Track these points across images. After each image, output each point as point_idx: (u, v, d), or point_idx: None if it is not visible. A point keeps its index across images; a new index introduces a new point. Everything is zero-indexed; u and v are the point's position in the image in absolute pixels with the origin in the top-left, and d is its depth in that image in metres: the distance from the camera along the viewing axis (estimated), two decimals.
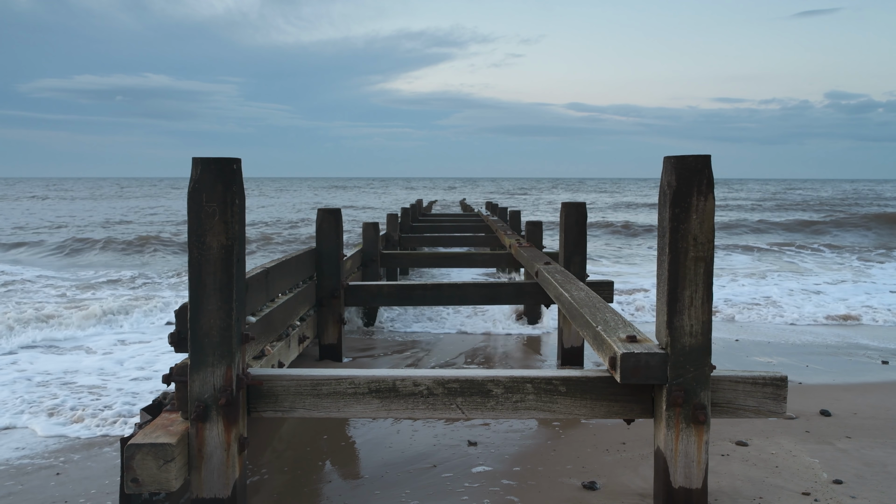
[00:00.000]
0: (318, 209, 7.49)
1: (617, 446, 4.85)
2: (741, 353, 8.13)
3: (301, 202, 56.61)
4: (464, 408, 3.68)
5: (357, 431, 5.27)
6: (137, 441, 3.28)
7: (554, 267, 6.99)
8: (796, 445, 4.80)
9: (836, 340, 8.89)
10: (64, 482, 4.44)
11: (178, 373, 3.59)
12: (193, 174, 3.43)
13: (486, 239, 14.70)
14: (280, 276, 5.68)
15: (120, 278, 15.10)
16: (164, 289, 13.59)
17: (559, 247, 7.62)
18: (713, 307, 5.11)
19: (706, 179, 3.52)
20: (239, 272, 3.51)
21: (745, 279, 14.80)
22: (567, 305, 5.23)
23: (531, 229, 10.39)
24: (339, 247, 7.36)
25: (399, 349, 8.29)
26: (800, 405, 5.69)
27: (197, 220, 3.43)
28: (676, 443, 3.56)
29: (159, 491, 3.29)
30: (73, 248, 21.67)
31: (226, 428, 3.47)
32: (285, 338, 5.58)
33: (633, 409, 3.72)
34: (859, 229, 28.92)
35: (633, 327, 4.02)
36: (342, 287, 7.39)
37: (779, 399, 3.64)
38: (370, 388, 3.67)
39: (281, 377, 3.71)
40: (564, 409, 3.70)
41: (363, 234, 10.20)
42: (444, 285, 7.75)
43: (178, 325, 3.85)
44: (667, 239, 3.56)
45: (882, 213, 33.52)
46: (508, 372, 3.77)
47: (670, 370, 3.52)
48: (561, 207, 7.48)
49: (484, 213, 20.04)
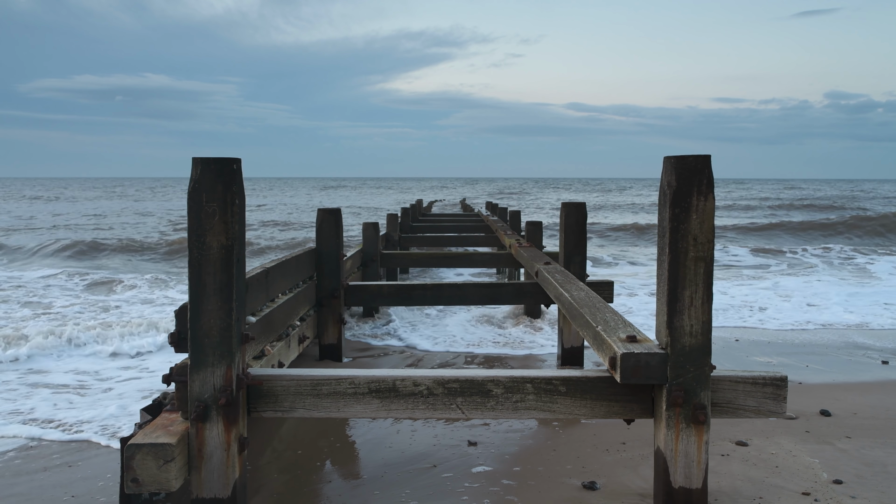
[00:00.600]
0: (318, 209, 7.49)
1: (617, 446, 4.85)
2: (741, 353, 8.13)
3: (293, 203, 54.94)
4: (464, 408, 3.68)
5: (357, 431, 5.27)
6: (137, 441, 3.28)
7: (554, 267, 6.99)
8: (796, 445, 4.80)
9: (837, 340, 8.89)
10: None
11: (178, 373, 3.59)
12: (193, 174, 3.43)
13: (486, 239, 14.71)
14: (280, 276, 5.68)
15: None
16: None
17: (559, 247, 7.62)
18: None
19: (706, 179, 3.52)
20: (239, 272, 3.51)
21: (751, 279, 14.81)
22: (567, 305, 5.23)
23: (531, 229, 10.39)
24: (339, 247, 7.36)
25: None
26: (800, 405, 5.69)
27: (197, 220, 3.43)
28: (676, 443, 3.56)
29: (159, 491, 3.29)
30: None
31: (226, 428, 3.47)
32: (285, 338, 5.58)
33: (633, 409, 3.72)
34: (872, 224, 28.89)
35: (633, 327, 4.02)
36: (342, 287, 7.39)
37: (779, 399, 3.64)
38: (370, 388, 3.67)
39: (281, 377, 3.71)
40: (564, 409, 3.71)
41: (363, 234, 10.21)
42: (444, 285, 7.74)
43: (178, 325, 3.85)
44: (667, 239, 3.56)
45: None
46: (508, 372, 3.77)
47: (670, 370, 3.52)
48: (561, 207, 7.48)
49: (484, 213, 20.04)
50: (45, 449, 5.13)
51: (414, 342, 8.65)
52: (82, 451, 5.07)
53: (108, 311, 10.91)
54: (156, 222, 33.79)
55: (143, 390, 6.54)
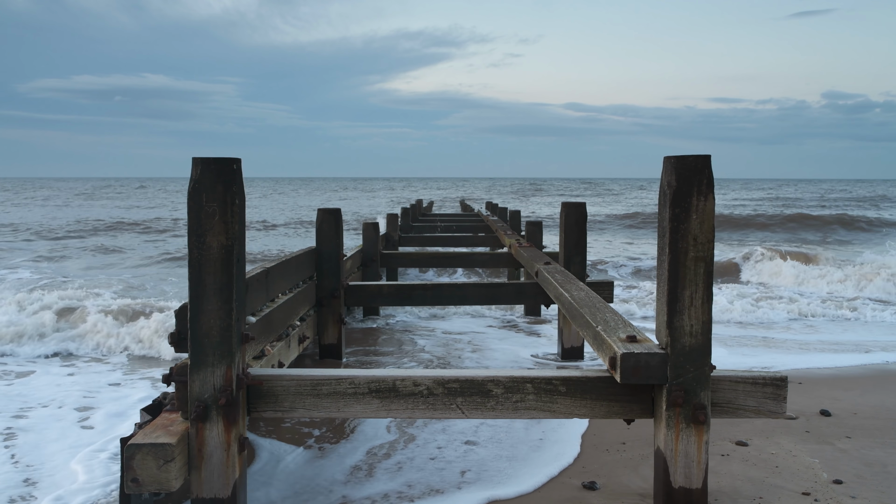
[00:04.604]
0: (318, 209, 7.49)
1: (617, 446, 4.85)
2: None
3: (284, 205, 50.55)
4: (464, 408, 3.68)
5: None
6: (137, 441, 3.28)
7: (554, 267, 6.99)
8: (796, 445, 4.80)
9: (837, 340, 8.89)
10: None
11: (178, 373, 3.59)
12: (193, 174, 3.43)
13: (486, 239, 14.71)
14: (280, 276, 5.68)
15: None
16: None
17: (559, 247, 7.62)
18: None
19: (706, 179, 3.52)
20: (239, 272, 3.51)
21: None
22: (567, 305, 5.23)
23: (531, 229, 10.40)
24: (339, 247, 7.36)
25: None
26: (800, 405, 5.69)
27: (197, 220, 3.43)
28: (676, 443, 3.56)
29: (159, 491, 3.29)
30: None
31: (226, 428, 3.47)
32: (285, 338, 5.58)
33: (633, 409, 3.72)
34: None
35: (633, 327, 4.02)
36: (342, 287, 7.39)
37: (779, 399, 3.64)
38: (370, 388, 3.67)
39: (281, 377, 3.71)
40: (564, 409, 3.71)
41: (363, 234, 10.21)
42: (444, 285, 7.74)
43: (178, 325, 3.85)
44: (667, 239, 3.57)
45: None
46: (508, 372, 3.77)
47: (670, 370, 3.52)
48: (561, 207, 7.49)
49: (484, 213, 20.04)
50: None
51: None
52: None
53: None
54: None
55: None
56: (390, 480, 4.34)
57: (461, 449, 4.84)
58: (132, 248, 21.61)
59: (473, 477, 4.37)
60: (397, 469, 4.52)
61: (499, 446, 4.88)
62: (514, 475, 4.39)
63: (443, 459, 4.66)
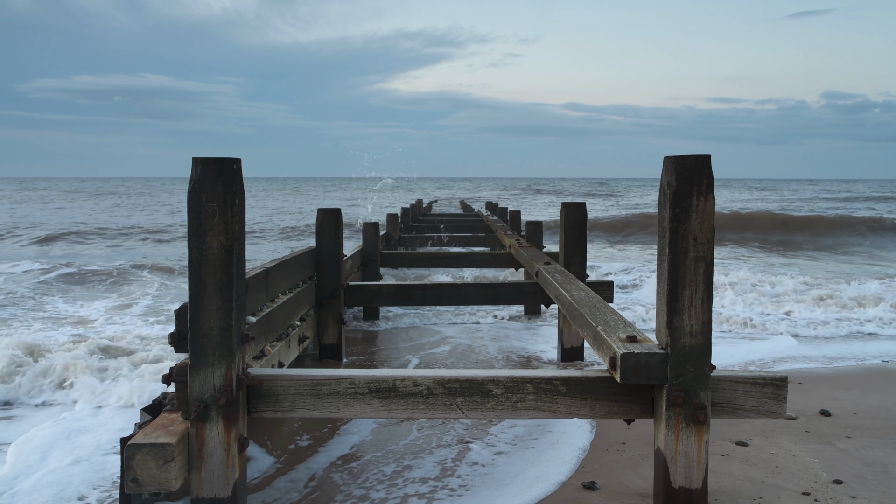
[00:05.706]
0: (318, 209, 7.48)
1: (617, 446, 4.85)
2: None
3: (278, 207, 46.80)
4: (464, 408, 3.68)
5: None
6: (137, 441, 3.28)
7: (554, 267, 6.99)
8: (796, 445, 4.80)
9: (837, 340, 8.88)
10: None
11: (178, 373, 3.59)
12: (193, 174, 3.43)
13: (486, 239, 14.71)
14: (280, 276, 5.67)
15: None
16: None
17: (559, 247, 7.62)
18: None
19: (706, 179, 3.52)
20: (239, 272, 3.51)
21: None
22: (567, 305, 5.23)
23: (531, 229, 10.39)
24: (339, 247, 7.35)
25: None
26: (800, 405, 5.69)
27: (197, 219, 3.43)
28: (676, 443, 3.56)
29: (159, 491, 3.29)
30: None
31: (226, 428, 3.47)
32: (285, 338, 5.57)
33: (633, 409, 3.72)
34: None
35: (633, 327, 4.02)
36: (342, 287, 7.39)
37: (779, 399, 3.64)
38: (370, 388, 3.67)
39: (281, 377, 3.71)
40: (564, 409, 3.71)
41: (363, 233, 10.20)
42: (444, 285, 7.73)
43: (178, 325, 3.85)
44: (667, 239, 3.56)
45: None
46: (508, 372, 3.77)
47: (670, 370, 3.52)
48: (561, 207, 7.48)
49: (484, 213, 20.04)
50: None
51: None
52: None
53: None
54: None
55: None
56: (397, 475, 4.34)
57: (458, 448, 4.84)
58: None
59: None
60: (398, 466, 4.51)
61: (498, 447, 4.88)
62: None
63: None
